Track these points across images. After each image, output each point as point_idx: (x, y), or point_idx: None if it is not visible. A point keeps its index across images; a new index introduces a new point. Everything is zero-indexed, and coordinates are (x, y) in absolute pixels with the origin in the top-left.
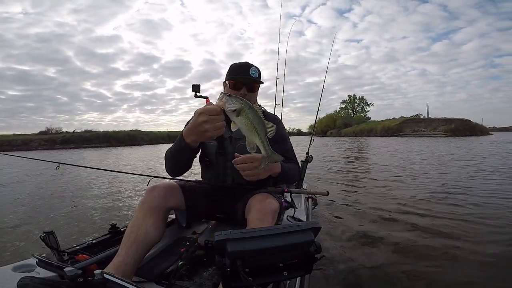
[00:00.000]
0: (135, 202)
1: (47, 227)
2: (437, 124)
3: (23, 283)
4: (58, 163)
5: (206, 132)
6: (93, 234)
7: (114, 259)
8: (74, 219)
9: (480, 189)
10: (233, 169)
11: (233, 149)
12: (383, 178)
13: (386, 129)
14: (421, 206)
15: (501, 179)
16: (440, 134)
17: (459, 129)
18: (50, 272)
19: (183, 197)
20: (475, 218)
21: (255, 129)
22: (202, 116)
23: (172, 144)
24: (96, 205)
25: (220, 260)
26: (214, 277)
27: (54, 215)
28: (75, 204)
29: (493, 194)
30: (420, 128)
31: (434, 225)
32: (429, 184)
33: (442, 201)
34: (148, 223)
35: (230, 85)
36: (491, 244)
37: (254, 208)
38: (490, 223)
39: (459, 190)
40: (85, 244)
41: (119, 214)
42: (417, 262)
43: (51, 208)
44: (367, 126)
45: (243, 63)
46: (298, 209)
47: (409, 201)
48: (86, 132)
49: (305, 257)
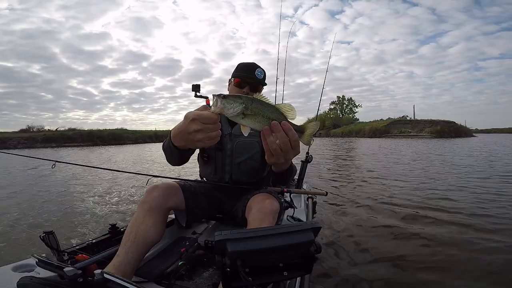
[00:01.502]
0: (135, 202)
1: (47, 227)
2: (423, 126)
3: (23, 283)
4: (54, 161)
5: (198, 142)
6: (93, 234)
7: (114, 259)
8: (74, 219)
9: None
10: (231, 166)
11: (232, 145)
12: (381, 178)
13: (374, 130)
14: (420, 206)
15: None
16: (426, 135)
17: (445, 131)
18: (50, 272)
19: (183, 197)
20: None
21: (270, 120)
22: (195, 124)
23: (166, 139)
24: (96, 205)
25: (220, 260)
26: (214, 277)
27: (54, 215)
28: (75, 204)
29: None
30: (407, 130)
31: (434, 225)
32: (435, 185)
33: (443, 200)
34: (148, 223)
35: (234, 83)
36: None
37: (255, 208)
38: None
39: (467, 191)
40: (85, 244)
41: (119, 214)
42: (417, 262)
43: (51, 208)
44: (356, 127)
45: (250, 63)
46: (298, 209)
47: (408, 200)
48: (69, 130)
49: (305, 257)
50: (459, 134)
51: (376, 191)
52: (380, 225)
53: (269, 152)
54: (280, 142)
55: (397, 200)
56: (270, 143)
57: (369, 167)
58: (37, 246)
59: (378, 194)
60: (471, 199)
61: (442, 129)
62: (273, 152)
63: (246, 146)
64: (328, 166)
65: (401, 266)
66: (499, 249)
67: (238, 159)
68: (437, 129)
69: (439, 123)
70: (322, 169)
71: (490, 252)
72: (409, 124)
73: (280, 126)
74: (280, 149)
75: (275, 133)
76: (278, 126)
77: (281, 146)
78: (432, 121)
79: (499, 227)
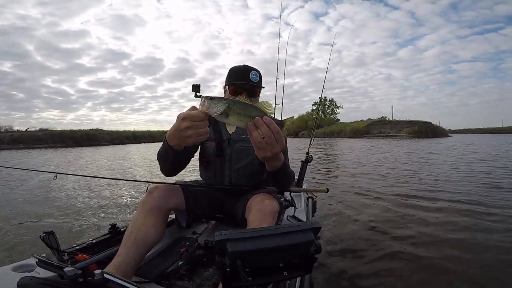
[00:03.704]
0: (135, 202)
1: (47, 227)
2: (402, 126)
3: (23, 283)
4: (55, 173)
5: (188, 138)
6: (93, 234)
7: (114, 259)
8: (74, 219)
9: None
10: (231, 171)
11: (231, 151)
12: (380, 177)
13: (355, 130)
14: (420, 205)
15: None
16: (404, 135)
17: (422, 131)
18: (50, 272)
19: (183, 197)
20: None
21: (251, 118)
22: (185, 122)
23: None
24: (96, 205)
25: (220, 260)
26: (214, 277)
27: (54, 215)
28: (75, 204)
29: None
30: (386, 130)
31: (435, 224)
32: (431, 183)
33: (446, 199)
34: (148, 224)
35: (230, 91)
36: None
37: (254, 208)
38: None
39: (467, 189)
40: (85, 244)
41: (119, 214)
42: (417, 263)
43: (51, 208)
44: (337, 127)
45: (242, 67)
46: (298, 209)
47: (408, 199)
48: (40, 131)
49: (305, 257)
50: (435, 134)
51: (376, 191)
52: (380, 224)
53: (256, 146)
54: (264, 135)
55: (399, 199)
56: (256, 137)
57: (369, 167)
58: (37, 246)
59: (378, 194)
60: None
61: (419, 129)
62: (259, 145)
63: (245, 151)
64: (322, 166)
65: (402, 266)
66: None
67: (237, 164)
68: (415, 130)
69: (416, 124)
70: (318, 167)
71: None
72: (388, 125)
73: (262, 121)
74: (266, 142)
75: (259, 128)
76: (260, 121)
77: (266, 139)
78: (410, 122)
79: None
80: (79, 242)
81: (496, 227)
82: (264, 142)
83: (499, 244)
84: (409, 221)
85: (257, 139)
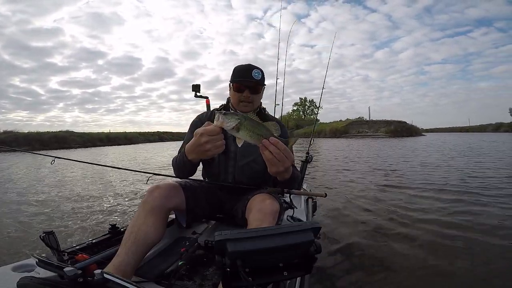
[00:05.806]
0: (135, 202)
1: (47, 227)
2: (379, 126)
3: (23, 283)
4: (53, 157)
5: (208, 151)
6: (93, 234)
7: (114, 259)
8: (74, 219)
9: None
10: (234, 168)
11: (236, 148)
12: (382, 180)
13: (335, 130)
14: (419, 205)
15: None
16: (382, 135)
17: (398, 130)
18: (50, 272)
19: (184, 197)
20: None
21: (259, 135)
22: (204, 137)
23: (178, 154)
24: (96, 205)
25: (220, 260)
26: (214, 277)
27: (54, 215)
28: (75, 204)
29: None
30: (364, 130)
31: (436, 223)
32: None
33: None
34: (148, 223)
35: (233, 88)
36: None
37: (255, 208)
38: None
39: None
40: (85, 244)
41: (119, 214)
42: (417, 262)
43: (50, 208)
44: (317, 128)
45: (246, 66)
46: (298, 209)
47: (406, 198)
48: (3, 133)
49: (305, 257)
50: (410, 133)
51: (376, 191)
52: (380, 225)
53: (269, 163)
54: (274, 153)
55: (398, 202)
56: (267, 155)
57: (367, 167)
58: (37, 246)
59: (378, 193)
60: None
61: (395, 128)
62: (271, 162)
63: (250, 149)
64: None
65: (402, 265)
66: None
67: (241, 161)
68: (391, 129)
69: (392, 123)
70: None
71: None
72: (366, 125)
73: (269, 142)
74: (277, 159)
75: (268, 148)
76: (267, 142)
77: (276, 156)
78: (386, 121)
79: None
80: (79, 242)
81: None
82: (275, 159)
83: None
84: (409, 221)
85: (269, 156)
